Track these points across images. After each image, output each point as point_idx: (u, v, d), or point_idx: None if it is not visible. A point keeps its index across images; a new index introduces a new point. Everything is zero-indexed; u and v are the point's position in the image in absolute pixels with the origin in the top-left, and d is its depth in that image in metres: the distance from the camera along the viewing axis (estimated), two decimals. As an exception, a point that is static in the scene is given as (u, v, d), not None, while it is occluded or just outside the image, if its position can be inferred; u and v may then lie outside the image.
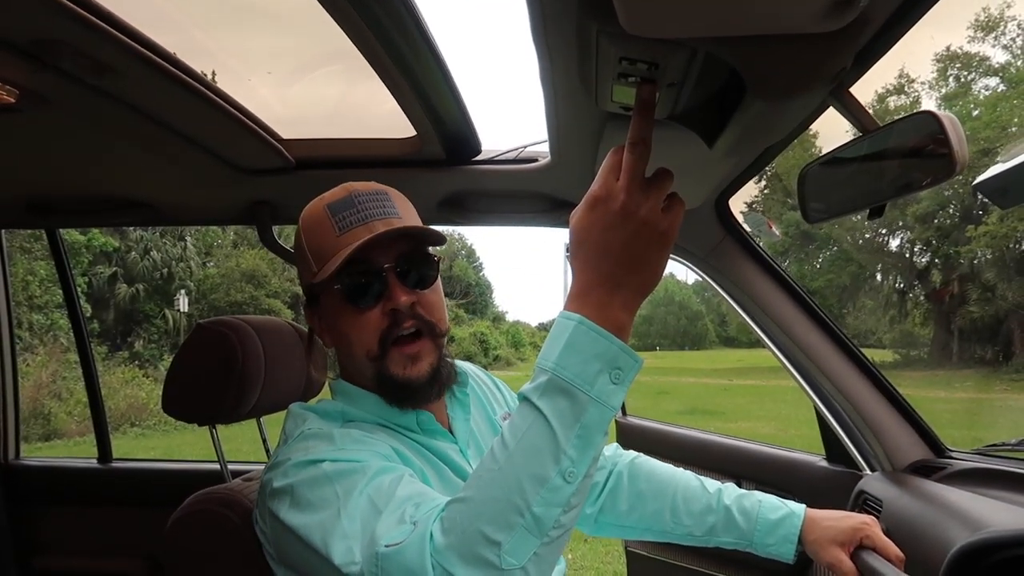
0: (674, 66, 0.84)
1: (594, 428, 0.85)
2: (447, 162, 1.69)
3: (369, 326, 1.20)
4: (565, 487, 0.84)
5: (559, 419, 0.84)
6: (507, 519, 0.83)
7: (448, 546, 0.84)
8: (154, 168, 1.67)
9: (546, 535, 0.84)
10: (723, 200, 1.84)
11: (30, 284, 15.37)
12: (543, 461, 0.83)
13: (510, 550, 0.83)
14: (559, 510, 0.84)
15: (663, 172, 0.87)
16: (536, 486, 0.83)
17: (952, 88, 23.11)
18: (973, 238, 20.35)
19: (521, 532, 0.83)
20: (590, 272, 0.87)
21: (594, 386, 0.84)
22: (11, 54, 1.04)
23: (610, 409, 0.85)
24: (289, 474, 1.06)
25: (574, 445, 0.84)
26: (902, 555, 1.30)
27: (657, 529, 1.55)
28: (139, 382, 15.39)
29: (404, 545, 0.88)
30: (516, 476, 0.84)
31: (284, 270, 23.20)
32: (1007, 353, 20.45)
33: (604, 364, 0.84)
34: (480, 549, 0.83)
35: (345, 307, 1.21)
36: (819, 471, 1.97)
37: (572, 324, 0.85)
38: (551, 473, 0.83)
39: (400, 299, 1.18)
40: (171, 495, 1.43)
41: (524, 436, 0.85)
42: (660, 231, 0.85)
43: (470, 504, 0.86)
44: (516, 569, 0.83)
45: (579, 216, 0.88)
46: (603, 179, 0.86)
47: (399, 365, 1.20)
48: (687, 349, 44.29)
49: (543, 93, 1.19)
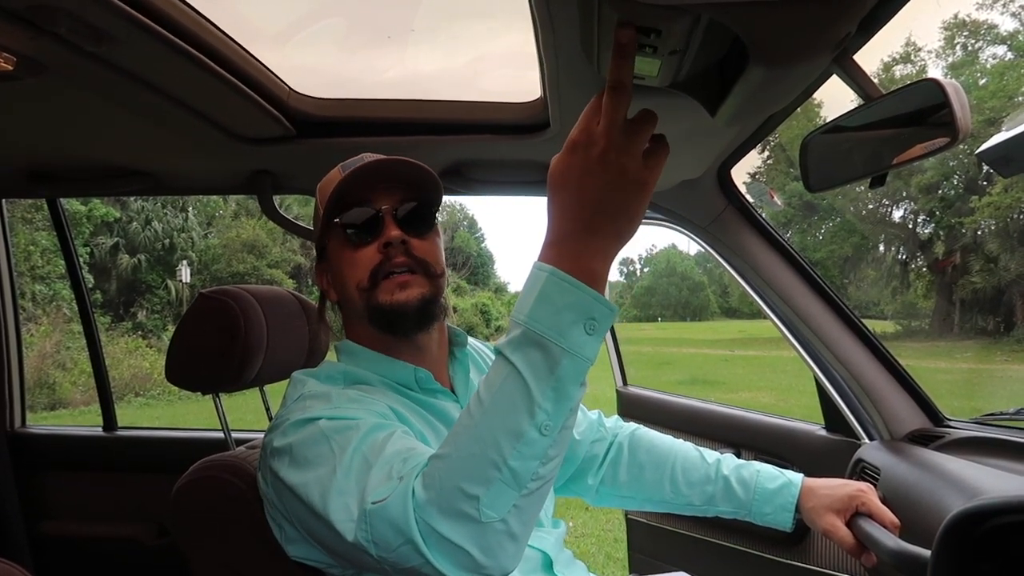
0: (676, 33, 0.83)
1: (568, 380, 0.84)
2: (448, 130, 1.69)
3: (363, 260, 1.24)
4: (541, 440, 0.84)
5: (532, 372, 0.83)
6: (484, 473, 0.84)
7: (428, 501, 0.86)
8: (154, 137, 1.66)
9: (524, 487, 0.85)
10: (725, 170, 1.83)
11: (32, 254, 15.39)
12: (518, 415, 0.83)
13: (489, 503, 0.84)
14: (536, 462, 0.84)
15: (645, 114, 0.84)
16: (512, 440, 0.83)
17: (959, 57, 22.84)
18: (977, 209, 20.26)
19: (499, 485, 0.84)
20: (565, 219, 0.85)
21: (567, 337, 0.83)
22: (7, 20, 1.03)
23: (584, 360, 0.84)
24: (287, 433, 1.08)
25: (549, 398, 0.83)
26: (898, 522, 1.32)
27: (657, 499, 1.57)
28: (142, 352, 15.51)
29: (388, 501, 0.90)
30: (491, 431, 0.84)
31: (285, 240, 23.20)
32: (1008, 324, 20.47)
33: (577, 315, 0.83)
34: (459, 503, 0.84)
35: (344, 245, 1.26)
36: (818, 440, 1.98)
37: (544, 275, 0.84)
38: (526, 426, 0.83)
39: (392, 233, 1.22)
40: (176, 462, 1.44)
41: (499, 390, 0.85)
42: (639, 177, 0.83)
43: (448, 460, 0.87)
44: (496, 521, 0.84)
45: (557, 161, 0.86)
46: (583, 123, 0.84)
47: (388, 292, 1.22)
48: (688, 320, 44.35)
49: (544, 62, 1.18)
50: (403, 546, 0.88)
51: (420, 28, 1.63)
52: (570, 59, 1.12)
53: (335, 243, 1.29)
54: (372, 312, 1.24)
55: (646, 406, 2.52)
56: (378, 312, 1.23)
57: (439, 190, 1.30)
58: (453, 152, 1.78)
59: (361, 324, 1.28)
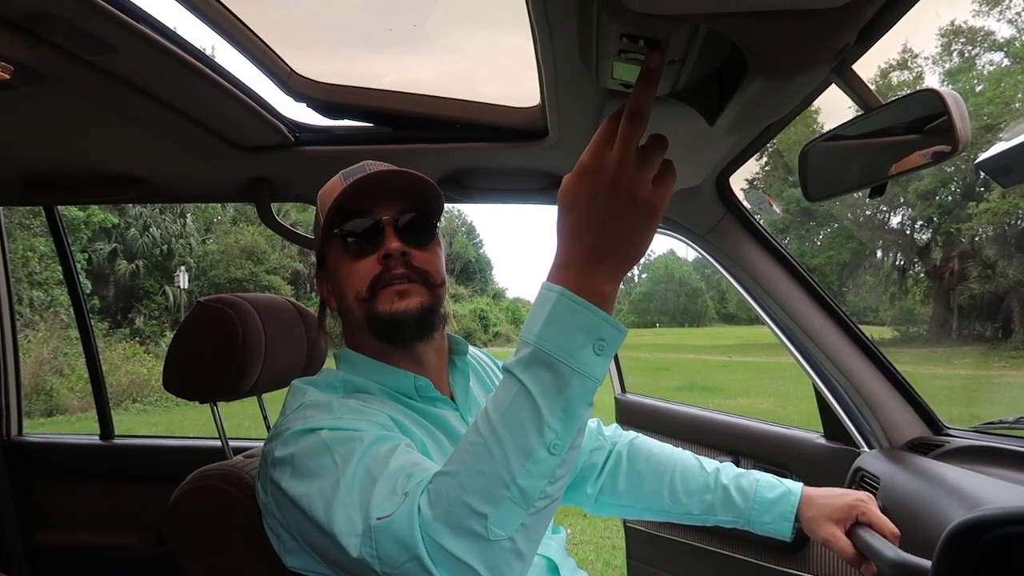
0: (676, 43, 0.83)
1: (577, 400, 0.84)
2: (447, 137, 1.68)
3: (363, 271, 1.25)
4: (550, 459, 0.84)
5: (542, 392, 0.84)
6: (493, 491, 0.84)
7: (435, 518, 0.86)
8: (152, 145, 1.66)
9: (532, 506, 0.85)
10: (724, 178, 1.83)
11: (30, 260, 15.38)
12: (527, 434, 0.84)
13: (497, 521, 0.84)
14: (544, 481, 0.85)
15: (657, 141, 0.85)
16: (521, 459, 0.83)
17: (956, 63, 22.92)
18: (974, 215, 20.30)
19: (507, 504, 0.84)
20: (575, 242, 0.85)
21: (577, 358, 0.83)
22: (5, 29, 1.03)
23: (593, 380, 0.85)
24: (289, 443, 1.08)
25: (558, 417, 0.84)
26: (898, 531, 1.31)
27: (656, 508, 1.57)
28: (140, 358, 15.47)
29: (393, 517, 0.89)
30: (501, 449, 0.84)
31: (283, 247, 23.21)
32: (1006, 330, 20.48)
33: (587, 336, 0.84)
34: (467, 521, 0.84)
35: (344, 255, 1.27)
36: (817, 448, 1.98)
37: (554, 296, 0.85)
38: (535, 446, 0.83)
39: (392, 244, 1.22)
40: (173, 471, 1.43)
41: (508, 409, 0.86)
42: (650, 204, 0.83)
43: (456, 477, 0.87)
44: (504, 540, 0.84)
45: (567, 184, 0.86)
46: (595, 148, 0.84)
47: (387, 302, 1.23)
48: (687, 326, 44.35)
49: (543, 70, 1.18)
50: (409, 562, 0.87)
51: (419, 30, 1.63)
52: (568, 67, 1.12)
53: (335, 252, 1.29)
54: (371, 322, 1.24)
55: (644, 413, 2.52)
56: (377, 322, 1.23)
57: (440, 200, 1.30)
58: (452, 160, 1.78)
59: (360, 333, 1.28)
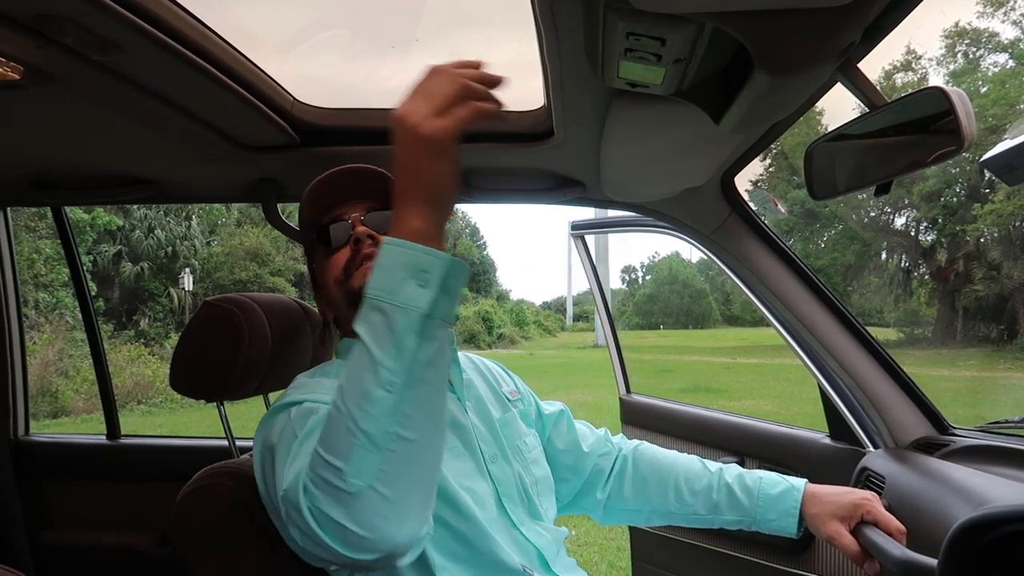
0: (681, 41, 0.83)
1: (403, 332, 0.86)
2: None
3: (338, 260, 1.32)
4: (387, 397, 0.85)
5: (372, 334, 0.87)
6: (343, 441, 0.85)
7: (310, 480, 0.87)
8: (159, 145, 1.67)
9: (385, 449, 0.85)
10: (729, 177, 1.83)
11: (35, 262, 15.40)
12: (363, 378, 0.86)
13: (353, 472, 0.85)
14: (389, 421, 0.85)
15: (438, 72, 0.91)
16: (360, 402, 0.85)
17: (960, 65, 22.85)
18: (979, 216, 20.22)
19: (359, 451, 0.85)
20: (394, 194, 0.91)
21: (399, 295, 0.87)
22: (14, 30, 1.04)
23: (415, 310, 0.86)
24: (264, 425, 1.13)
25: (390, 355, 0.86)
26: (904, 529, 1.31)
27: (662, 511, 1.58)
28: (145, 360, 15.48)
29: (288, 488, 0.92)
30: (344, 400, 0.87)
31: (288, 248, 23.24)
32: (1011, 331, 20.39)
33: (406, 272, 0.87)
34: (328, 476, 0.85)
35: (324, 257, 1.35)
36: (822, 448, 1.98)
37: (382, 248, 0.90)
38: (371, 386, 0.85)
39: (359, 229, 1.30)
40: (180, 470, 1.44)
41: (349, 363, 0.89)
42: (432, 139, 0.87)
43: (320, 439, 0.89)
44: (365, 488, 0.85)
45: None
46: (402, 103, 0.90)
47: (360, 276, 1.27)
48: (691, 327, 44.22)
49: (548, 70, 1.19)
50: (308, 529, 0.88)
51: (423, 38, 1.63)
52: (574, 67, 1.12)
53: (315, 256, 1.39)
54: (350, 299, 1.28)
55: (650, 414, 2.52)
56: (354, 297, 1.25)
57: None
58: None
59: (348, 320, 1.29)
